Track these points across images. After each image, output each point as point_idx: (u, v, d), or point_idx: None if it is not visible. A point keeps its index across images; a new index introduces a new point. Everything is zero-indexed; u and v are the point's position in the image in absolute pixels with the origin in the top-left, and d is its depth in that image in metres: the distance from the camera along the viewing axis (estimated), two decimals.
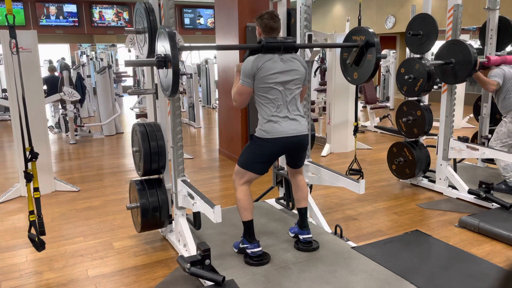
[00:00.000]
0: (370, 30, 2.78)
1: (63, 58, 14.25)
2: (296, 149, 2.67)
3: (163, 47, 2.42)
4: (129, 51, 11.61)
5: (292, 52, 2.60)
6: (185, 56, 9.96)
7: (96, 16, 15.18)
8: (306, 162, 3.29)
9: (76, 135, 7.29)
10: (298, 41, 3.28)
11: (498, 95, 4.05)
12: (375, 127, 7.73)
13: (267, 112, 2.54)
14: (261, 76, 2.48)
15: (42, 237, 2.62)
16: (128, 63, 2.51)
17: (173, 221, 3.13)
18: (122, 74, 13.41)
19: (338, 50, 5.85)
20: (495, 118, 4.79)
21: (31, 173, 2.55)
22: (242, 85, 2.55)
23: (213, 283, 2.35)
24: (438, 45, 4.09)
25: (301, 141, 2.63)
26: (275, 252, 2.76)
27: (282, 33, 3.79)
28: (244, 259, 2.65)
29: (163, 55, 2.39)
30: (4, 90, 10.25)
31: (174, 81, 2.33)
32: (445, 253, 2.92)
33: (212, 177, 5.00)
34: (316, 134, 6.46)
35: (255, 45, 2.53)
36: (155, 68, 3.11)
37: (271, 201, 3.70)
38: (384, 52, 11.08)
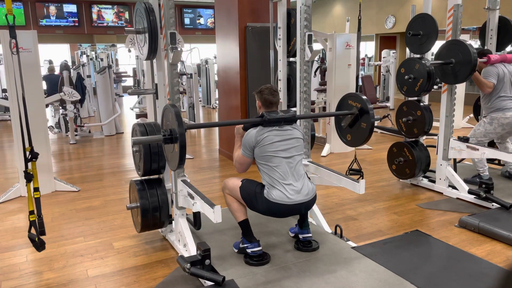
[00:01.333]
0: (364, 97, 2.88)
1: (65, 61, 14.28)
2: (302, 212, 2.73)
3: (169, 123, 2.48)
4: (129, 51, 11.62)
5: (291, 123, 2.68)
6: (185, 56, 9.95)
7: (96, 16, 15.18)
8: (306, 162, 3.29)
9: (76, 135, 7.29)
10: (298, 41, 3.29)
11: (487, 94, 4.05)
12: (375, 127, 7.73)
13: (271, 178, 2.56)
14: (262, 146, 2.55)
15: (42, 237, 2.62)
16: (136, 142, 2.56)
17: (173, 221, 3.13)
18: (122, 74, 13.40)
19: (338, 50, 5.88)
20: None
21: (31, 173, 2.55)
22: (243, 156, 2.64)
23: (213, 283, 2.35)
24: (438, 45, 4.09)
25: (308, 206, 2.66)
26: (275, 252, 2.76)
27: (282, 33, 3.80)
28: (244, 259, 2.65)
29: (169, 132, 2.45)
30: (4, 90, 10.25)
31: (181, 155, 2.39)
32: (445, 253, 2.92)
33: (212, 177, 5.01)
34: (316, 134, 6.46)
35: (257, 119, 2.62)
36: (155, 69, 3.12)
37: None
38: (384, 52, 11.09)
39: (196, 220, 2.94)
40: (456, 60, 3.80)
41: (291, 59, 3.93)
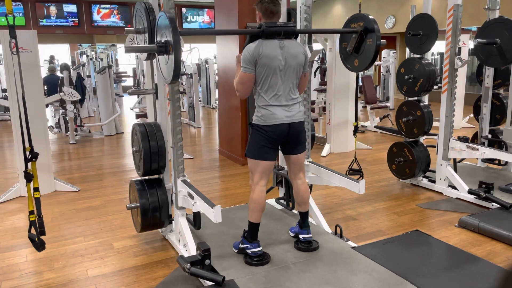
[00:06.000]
0: (369, 16, 2.77)
1: (65, 63, 14.27)
2: (291, 135, 2.62)
3: (163, 33, 2.36)
4: None
5: (292, 37, 2.58)
6: (185, 56, 9.95)
7: (96, 16, 15.18)
8: (306, 162, 3.28)
9: (76, 135, 7.29)
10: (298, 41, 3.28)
11: None
12: (375, 127, 7.73)
13: (265, 98, 2.53)
14: (262, 63, 2.47)
15: (42, 237, 2.62)
16: (128, 50, 2.46)
17: (173, 221, 3.13)
18: (122, 74, 13.41)
19: (338, 50, 5.87)
20: (495, 118, 4.80)
21: (31, 173, 2.55)
22: (244, 72, 2.50)
23: (213, 283, 2.35)
24: (438, 45, 4.08)
25: (295, 127, 2.60)
26: (275, 252, 2.76)
27: None
28: (244, 259, 2.65)
29: (163, 41, 2.34)
30: (4, 90, 10.25)
31: (176, 65, 2.25)
32: (445, 253, 2.92)
33: (212, 177, 5.00)
34: (316, 134, 6.46)
35: (255, 30, 2.51)
36: (155, 69, 3.11)
37: (271, 201, 3.70)
38: (384, 52, 11.09)
39: (196, 220, 2.94)
40: (503, 40, 3.70)
41: None
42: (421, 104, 4.27)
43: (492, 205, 3.65)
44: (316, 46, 3.38)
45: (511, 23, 3.66)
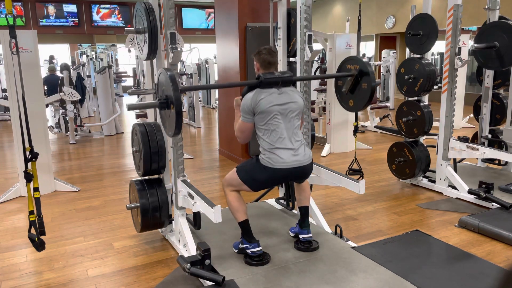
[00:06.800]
0: (364, 59, 2.85)
1: (65, 64, 14.28)
2: (300, 177, 2.71)
3: (164, 89, 2.42)
4: (129, 51, 11.62)
5: (289, 85, 2.64)
6: (185, 56, 9.95)
7: (96, 16, 15.18)
8: None
9: (76, 135, 7.29)
10: (298, 41, 3.29)
11: None
12: (375, 127, 7.73)
13: (269, 142, 2.55)
14: (261, 110, 2.52)
15: (42, 237, 2.62)
16: (130, 107, 2.50)
17: (173, 221, 3.13)
18: (122, 74, 13.41)
19: (338, 50, 5.88)
20: (495, 118, 4.80)
21: (31, 173, 2.55)
22: (243, 121, 2.59)
23: (213, 283, 2.35)
24: (438, 45, 4.08)
25: (305, 170, 2.64)
26: (275, 252, 2.76)
27: (282, 33, 3.80)
28: (244, 259, 2.65)
29: (165, 97, 2.39)
30: (4, 90, 10.25)
31: (177, 121, 2.33)
32: (445, 253, 2.92)
33: (212, 177, 5.01)
34: (316, 134, 6.46)
35: (253, 81, 2.58)
36: (155, 69, 3.12)
37: (271, 201, 3.70)
38: (384, 52, 11.09)
39: (196, 220, 2.94)
40: (501, 44, 3.74)
41: (291, 59, 3.92)
42: (421, 104, 4.27)
43: (492, 205, 3.65)
44: (316, 46, 3.38)
45: (509, 27, 3.67)
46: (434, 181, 4.29)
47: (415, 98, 4.32)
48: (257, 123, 2.57)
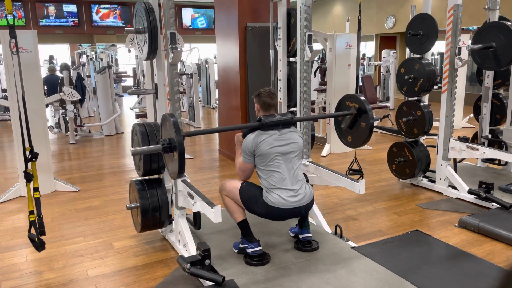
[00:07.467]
0: (362, 98, 2.92)
1: (65, 64, 14.28)
2: (297, 215, 2.72)
3: (167, 132, 2.53)
4: (129, 51, 11.62)
5: (290, 126, 2.68)
6: (185, 56, 9.95)
7: (96, 16, 15.18)
8: (306, 162, 3.29)
9: (76, 135, 7.29)
10: (298, 41, 3.29)
11: None
12: (375, 127, 7.73)
13: (270, 182, 2.57)
14: (261, 152, 2.55)
15: (42, 237, 2.62)
16: (135, 152, 2.62)
17: (173, 221, 3.13)
18: (122, 74, 13.41)
19: (338, 50, 5.88)
20: (495, 118, 4.80)
21: (31, 173, 2.55)
22: (244, 162, 2.64)
23: (213, 283, 2.35)
24: (438, 45, 4.08)
25: (304, 209, 2.65)
26: (275, 252, 2.76)
27: (282, 33, 3.80)
28: (244, 259, 2.65)
29: (168, 141, 2.50)
30: (4, 90, 10.25)
31: (180, 164, 2.45)
32: (445, 253, 2.92)
33: (212, 177, 5.01)
34: (316, 134, 6.46)
35: (255, 123, 2.63)
36: (155, 69, 3.12)
37: None
38: (384, 52, 11.09)
39: (196, 220, 2.94)
40: (498, 44, 3.75)
41: (291, 59, 3.93)
42: (421, 104, 4.26)
43: (492, 205, 3.65)
44: (316, 46, 3.38)
45: (506, 27, 3.68)
46: (434, 181, 4.29)
47: (415, 98, 4.32)
48: (258, 164, 2.61)
